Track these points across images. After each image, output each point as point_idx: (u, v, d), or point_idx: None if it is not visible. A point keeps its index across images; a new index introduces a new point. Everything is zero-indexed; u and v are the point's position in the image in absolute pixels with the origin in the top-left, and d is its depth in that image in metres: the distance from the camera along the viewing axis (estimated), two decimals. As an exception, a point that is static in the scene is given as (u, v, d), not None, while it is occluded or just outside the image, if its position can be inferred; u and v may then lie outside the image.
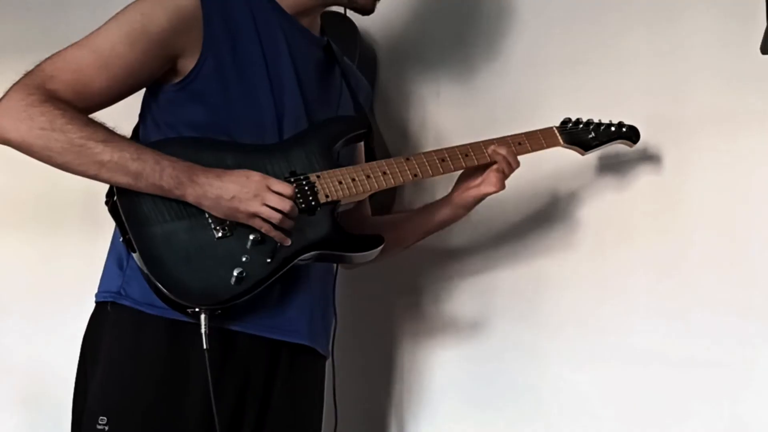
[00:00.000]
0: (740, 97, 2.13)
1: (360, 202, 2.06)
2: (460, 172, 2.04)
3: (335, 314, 2.00)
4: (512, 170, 2.01)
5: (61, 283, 1.88)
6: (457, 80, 2.45)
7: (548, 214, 2.30)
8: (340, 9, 2.23)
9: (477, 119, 2.37)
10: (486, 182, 2.00)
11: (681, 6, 2.22)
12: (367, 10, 2.03)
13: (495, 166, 1.99)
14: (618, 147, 2.18)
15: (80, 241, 1.87)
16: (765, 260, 2.08)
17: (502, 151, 1.99)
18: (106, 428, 1.74)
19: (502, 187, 1.99)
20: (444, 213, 2.07)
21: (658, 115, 2.21)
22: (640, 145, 2.19)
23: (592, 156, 2.22)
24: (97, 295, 1.86)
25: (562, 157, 2.16)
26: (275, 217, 1.76)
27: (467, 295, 2.35)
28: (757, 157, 2.12)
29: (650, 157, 2.22)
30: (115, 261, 1.84)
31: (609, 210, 2.25)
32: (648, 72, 2.24)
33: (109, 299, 1.82)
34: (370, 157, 2.02)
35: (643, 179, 2.22)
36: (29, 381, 2.55)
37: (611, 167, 2.25)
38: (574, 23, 2.34)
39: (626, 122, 2.13)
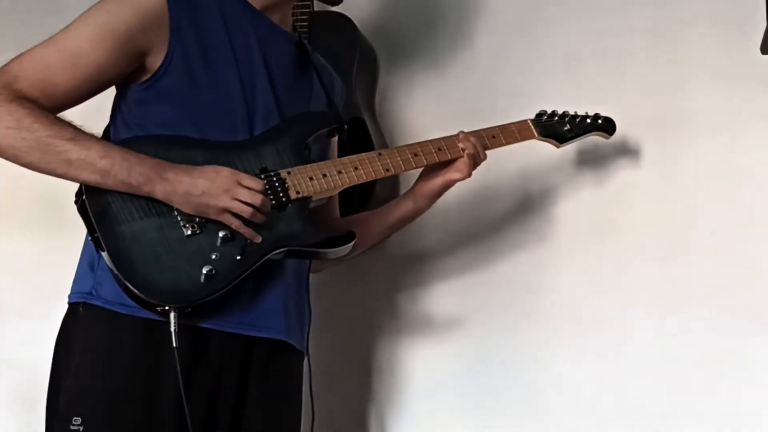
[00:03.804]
0: (740, 97, 2.14)
1: (329, 204, 2.05)
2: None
3: (310, 310, 1.98)
4: (480, 161, 2.00)
5: (61, 283, 1.89)
6: (445, 77, 2.46)
7: (543, 211, 2.30)
8: (322, 6, 2.22)
9: (463, 115, 2.36)
10: (452, 169, 1.98)
11: (681, 6, 2.23)
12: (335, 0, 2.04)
13: (465, 151, 1.97)
14: (617, 145, 2.19)
15: (80, 241, 1.88)
16: (764, 258, 2.09)
17: (473, 138, 1.98)
18: (80, 429, 1.73)
19: (469, 174, 1.98)
20: (406, 206, 2.05)
21: (657, 114, 2.21)
22: (638, 145, 2.20)
23: (591, 152, 2.23)
24: (69, 296, 1.85)
25: (549, 151, 2.15)
26: (246, 211, 1.75)
27: (447, 293, 2.35)
28: (757, 156, 2.12)
29: (649, 156, 2.22)
30: (87, 262, 1.84)
31: (608, 208, 2.25)
32: (648, 72, 2.24)
33: (81, 300, 1.81)
34: (343, 153, 2.00)
35: (642, 178, 2.22)
36: (29, 381, 2.53)
37: (610, 165, 2.25)
38: (572, 22, 2.34)
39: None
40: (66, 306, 1.86)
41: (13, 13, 2.80)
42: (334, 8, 2.17)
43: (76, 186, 1.77)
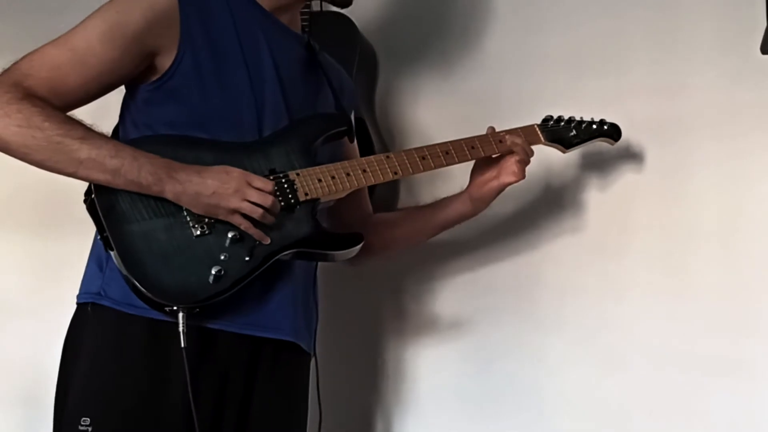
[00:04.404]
0: (740, 97, 2.14)
1: (361, 201, 2.06)
2: (442, 168, 2.01)
3: (317, 311, 1.99)
4: (529, 159, 2.01)
5: (62, 283, 1.90)
6: (445, 78, 2.45)
7: (548, 214, 2.30)
8: (327, 6, 2.23)
9: (463, 117, 2.36)
10: (505, 172, 1.99)
11: (681, 6, 2.23)
12: (345, 2, 2.03)
13: (515, 156, 1.99)
14: (620, 148, 2.19)
15: (81, 241, 1.88)
16: (765, 258, 2.09)
17: (519, 140, 2.00)
18: (89, 429, 1.73)
19: (523, 176, 1.99)
20: (462, 208, 2.06)
21: (657, 115, 2.22)
22: (639, 146, 2.20)
23: (594, 155, 2.24)
24: (78, 297, 1.85)
25: (553, 153, 2.15)
26: (257, 212, 1.75)
27: (453, 295, 2.35)
28: (757, 156, 2.13)
29: (650, 157, 2.22)
30: (96, 262, 1.83)
31: (609, 208, 2.25)
32: (648, 72, 2.25)
33: (90, 300, 1.81)
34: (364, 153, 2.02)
35: (643, 178, 2.23)
36: (30, 381, 2.55)
37: (613, 167, 2.26)
38: (573, 22, 2.35)
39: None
40: (70, 305, 1.86)
41: (14, 13, 2.79)
42: (342, 10, 2.17)
43: (83, 185, 1.77)
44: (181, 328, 1.70)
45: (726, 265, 2.13)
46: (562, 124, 2.10)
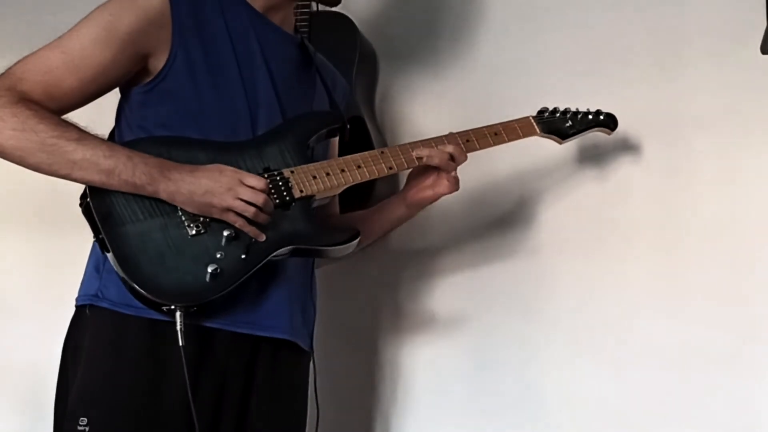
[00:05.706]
0: (740, 95, 2.14)
1: (329, 202, 2.06)
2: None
3: (314, 309, 1.99)
4: (459, 164, 1.98)
5: (63, 283, 1.91)
6: (445, 77, 2.46)
7: (545, 208, 2.30)
8: (326, 6, 2.23)
9: (463, 116, 2.35)
10: (441, 183, 1.98)
11: (681, 6, 2.23)
12: (332, 1, 2.04)
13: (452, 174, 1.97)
14: (618, 144, 2.19)
15: (81, 241, 1.89)
16: (764, 256, 2.09)
17: (438, 154, 1.95)
18: (87, 429, 1.74)
19: (457, 187, 1.98)
20: (399, 211, 2.06)
21: (657, 113, 2.21)
22: (639, 144, 2.20)
23: (591, 150, 2.23)
24: (76, 299, 1.86)
25: (551, 148, 2.16)
26: (249, 210, 1.76)
27: (450, 292, 2.35)
28: (756, 154, 2.12)
29: (649, 157, 2.22)
30: (93, 264, 1.85)
31: (609, 206, 2.25)
32: (648, 72, 2.24)
33: (87, 302, 1.82)
34: (344, 152, 2.01)
35: (642, 178, 2.22)
36: (29, 382, 2.57)
37: (611, 163, 2.25)
38: (571, 22, 2.35)
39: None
40: (70, 306, 1.87)
41: (14, 14, 2.80)
42: (334, 8, 2.18)
43: (77, 187, 1.78)
44: (178, 327, 1.71)
45: (725, 263, 2.12)
46: (558, 115, 2.10)
